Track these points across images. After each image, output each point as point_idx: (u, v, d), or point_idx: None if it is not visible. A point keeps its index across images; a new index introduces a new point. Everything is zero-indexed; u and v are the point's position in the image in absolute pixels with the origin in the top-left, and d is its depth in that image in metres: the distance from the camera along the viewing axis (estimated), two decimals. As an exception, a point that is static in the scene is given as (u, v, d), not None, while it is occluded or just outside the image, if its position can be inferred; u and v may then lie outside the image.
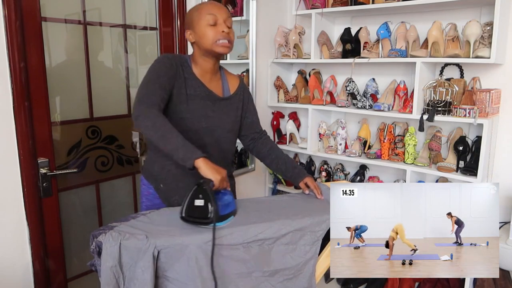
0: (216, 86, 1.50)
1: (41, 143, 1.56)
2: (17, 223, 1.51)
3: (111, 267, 1.08)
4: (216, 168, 1.22)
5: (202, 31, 1.39)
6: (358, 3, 2.20)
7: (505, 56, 1.96)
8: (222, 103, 1.49)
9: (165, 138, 1.23)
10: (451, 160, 2.05)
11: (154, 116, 1.25)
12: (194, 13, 1.42)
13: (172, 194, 1.46)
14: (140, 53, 1.99)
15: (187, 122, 1.40)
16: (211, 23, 1.38)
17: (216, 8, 1.41)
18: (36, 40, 1.51)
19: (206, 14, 1.38)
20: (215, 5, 1.42)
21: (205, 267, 1.11)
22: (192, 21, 1.42)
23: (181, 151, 1.21)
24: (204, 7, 1.41)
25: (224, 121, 1.49)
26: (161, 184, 1.47)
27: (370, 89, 2.33)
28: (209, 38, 1.38)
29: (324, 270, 1.27)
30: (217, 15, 1.39)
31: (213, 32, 1.38)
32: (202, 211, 1.15)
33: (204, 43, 1.40)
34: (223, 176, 1.22)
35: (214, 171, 1.20)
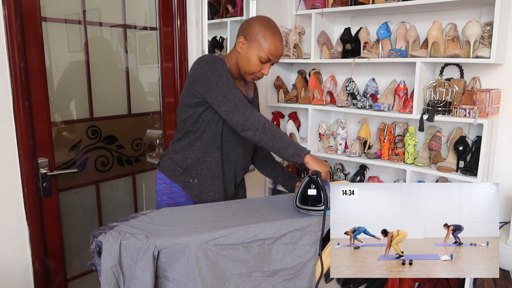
0: (242, 88, 1.55)
1: (41, 143, 1.56)
2: (17, 223, 1.51)
3: (111, 267, 1.08)
4: (321, 161, 1.35)
5: (251, 57, 1.41)
6: (358, 3, 2.20)
7: (505, 56, 1.96)
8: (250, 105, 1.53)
9: (276, 138, 1.32)
10: (451, 160, 2.05)
11: (260, 118, 1.33)
12: (259, 35, 1.40)
13: (207, 190, 1.50)
14: (140, 53, 1.99)
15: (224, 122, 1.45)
16: (262, 61, 1.41)
17: (277, 55, 1.42)
18: (36, 40, 1.51)
19: (266, 53, 1.39)
20: (278, 49, 1.42)
21: (204, 267, 1.11)
22: (252, 38, 1.41)
23: (291, 149, 1.32)
24: (270, 43, 1.39)
25: None
26: (196, 179, 1.50)
27: (370, 89, 2.32)
28: (250, 67, 1.42)
29: (324, 270, 1.27)
30: (272, 60, 1.43)
31: (256, 68, 1.42)
32: (315, 199, 1.27)
33: (244, 65, 1.44)
34: (328, 169, 1.35)
35: (321, 165, 1.34)
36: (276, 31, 1.42)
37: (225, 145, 1.49)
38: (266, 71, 1.44)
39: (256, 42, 1.40)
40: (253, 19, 1.47)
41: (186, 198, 1.51)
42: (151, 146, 2.10)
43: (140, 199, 2.09)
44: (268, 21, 1.46)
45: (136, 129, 2.03)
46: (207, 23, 2.08)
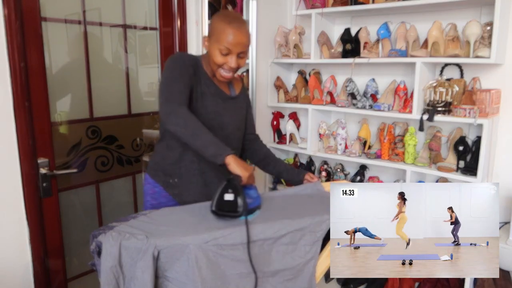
0: (224, 85, 1.53)
1: (41, 143, 1.56)
2: (17, 223, 1.51)
3: (111, 267, 1.08)
4: (244, 164, 1.28)
5: (213, 52, 1.40)
6: (358, 3, 2.20)
7: (505, 56, 1.96)
8: (231, 102, 1.54)
9: (196, 136, 1.28)
10: (451, 160, 2.05)
11: (185, 114, 1.29)
12: (216, 29, 1.39)
13: (187, 189, 1.50)
14: (140, 53, 1.99)
15: (201, 119, 1.41)
16: (223, 53, 1.38)
17: (236, 43, 1.37)
18: (36, 40, 1.51)
19: (223, 43, 1.36)
20: (237, 37, 1.37)
21: (204, 267, 1.11)
22: (212, 34, 1.40)
23: (211, 148, 1.27)
24: (226, 34, 1.36)
25: (233, 119, 1.54)
26: (175, 179, 1.49)
27: (370, 89, 2.32)
28: (214, 64, 1.41)
29: (324, 270, 1.27)
30: (232, 49, 1.38)
31: (221, 61, 1.39)
32: (232, 205, 1.21)
33: (211, 63, 1.43)
34: (250, 173, 1.28)
35: (242, 168, 1.26)
36: (232, 19, 1.38)
37: None
38: (233, 63, 1.38)
39: (214, 35, 1.39)
40: (213, 16, 1.46)
41: (167, 198, 1.52)
42: (151, 146, 2.10)
43: (140, 199, 2.09)
44: (226, 12, 1.45)
45: (136, 129, 2.03)
46: (207, 23, 2.08)
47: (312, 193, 1.50)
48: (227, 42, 1.36)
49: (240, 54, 1.40)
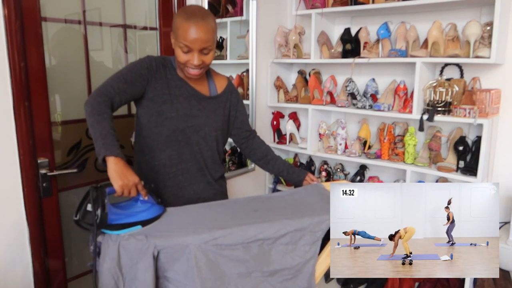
0: (202, 85, 1.49)
1: (41, 143, 1.56)
2: (17, 223, 1.51)
3: (109, 269, 1.08)
4: (124, 172, 1.14)
5: (175, 51, 1.35)
6: (358, 3, 2.20)
7: (505, 56, 1.96)
8: (209, 102, 1.48)
9: (93, 127, 1.19)
10: (451, 160, 2.05)
11: (96, 104, 1.23)
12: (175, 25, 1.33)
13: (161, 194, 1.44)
14: (140, 53, 1.99)
15: (173, 121, 1.40)
16: (184, 50, 1.32)
17: (192, 39, 1.29)
18: (36, 40, 1.51)
19: (181, 40, 1.30)
20: (194, 32, 1.29)
21: (204, 267, 1.11)
22: (173, 31, 1.35)
23: (99, 143, 1.16)
24: (183, 30, 1.29)
25: (211, 120, 1.48)
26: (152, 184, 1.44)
27: (370, 89, 2.33)
28: (179, 62, 1.36)
29: (324, 270, 1.27)
30: (192, 46, 1.30)
31: (183, 59, 1.34)
32: (91, 216, 1.10)
33: (177, 61, 1.38)
34: (126, 183, 1.13)
35: (118, 175, 1.12)
36: (190, 15, 1.30)
37: (173, 145, 1.43)
38: (195, 60, 1.32)
39: (175, 33, 1.34)
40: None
41: None
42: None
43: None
44: (186, 8, 1.38)
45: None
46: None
47: (312, 193, 1.50)
48: (184, 39, 1.29)
49: (203, 50, 1.33)
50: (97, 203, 1.09)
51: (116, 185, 1.13)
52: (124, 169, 1.15)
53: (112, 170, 1.13)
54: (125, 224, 1.14)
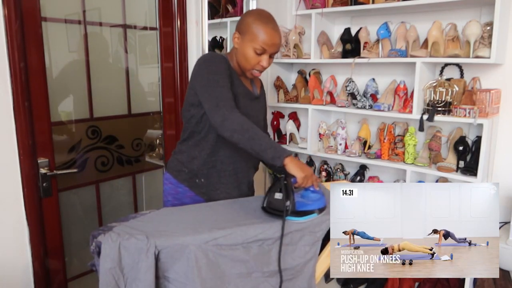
0: (249, 85, 1.53)
1: (41, 143, 1.56)
2: (17, 223, 1.51)
3: (109, 269, 1.08)
4: (301, 166, 1.27)
5: (247, 51, 1.39)
6: (358, 3, 2.20)
7: (505, 56, 1.96)
8: (256, 102, 1.54)
9: (254, 140, 1.28)
10: (451, 160, 2.05)
11: (239, 119, 1.29)
12: (251, 28, 1.38)
13: (215, 188, 1.49)
14: (140, 53, 1.99)
15: None
16: (258, 52, 1.38)
17: (272, 44, 1.38)
18: (36, 40, 1.51)
19: (260, 43, 1.37)
20: (273, 38, 1.38)
21: (204, 267, 1.11)
22: (246, 31, 1.39)
23: (270, 151, 1.27)
24: (263, 33, 1.37)
25: (258, 119, 1.54)
26: (202, 179, 1.49)
27: (370, 89, 2.32)
28: (248, 63, 1.40)
29: (324, 270, 1.27)
30: (268, 50, 1.38)
31: (254, 61, 1.39)
32: (279, 204, 1.21)
33: (242, 61, 1.42)
34: (307, 174, 1.25)
35: (298, 169, 1.25)
36: (268, 20, 1.39)
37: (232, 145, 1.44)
38: (265, 62, 1.40)
39: (249, 34, 1.38)
40: (246, 13, 1.46)
41: (191, 199, 1.50)
42: (151, 146, 2.10)
43: (140, 199, 2.09)
44: (260, 11, 1.43)
45: (136, 129, 2.03)
46: (207, 23, 2.08)
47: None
48: (263, 43, 1.36)
49: (273, 54, 1.42)
50: (287, 192, 1.22)
51: (300, 176, 1.24)
52: (301, 163, 1.30)
53: (292, 166, 1.25)
54: (308, 211, 1.25)
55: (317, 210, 1.27)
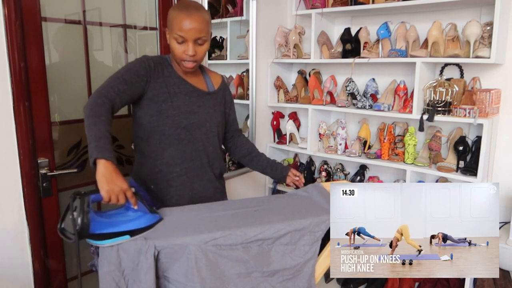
0: (199, 81, 1.50)
1: (41, 143, 1.56)
2: (17, 223, 1.51)
3: (109, 272, 1.08)
4: (113, 177, 1.09)
5: (171, 44, 1.37)
6: (358, 3, 2.20)
7: (505, 56, 1.96)
8: (208, 98, 1.49)
9: (89, 129, 1.15)
10: (451, 160, 2.05)
11: (95, 106, 1.21)
12: (169, 18, 1.36)
13: (165, 194, 1.45)
14: (140, 53, 1.99)
15: (175, 119, 1.39)
16: (178, 41, 1.34)
17: (188, 30, 1.31)
18: (36, 40, 1.51)
19: (176, 31, 1.32)
20: (187, 22, 1.31)
21: (204, 267, 1.11)
22: (168, 25, 1.37)
23: (92, 145, 1.12)
24: (177, 20, 1.32)
25: (212, 115, 1.49)
26: (152, 185, 1.46)
27: (370, 89, 2.33)
28: (175, 54, 1.37)
29: (324, 270, 1.27)
30: (186, 36, 1.32)
31: (179, 51, 1.35)
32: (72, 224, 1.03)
33: (172, 55, 1.40)
34: (113, 188, 1.07)
35: (105, 180, 1.07)
36: (184, 7, 1.34)
37: (176, 144, 1.42)
38: (190, 51, 1.33)
39: (169, 26, 1.36)
40: None
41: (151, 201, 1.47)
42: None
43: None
44: (180, 2, 1.40)
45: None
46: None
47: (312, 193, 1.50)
48: (180, 29, 1.32)
49: (198, 40, 1.34)
50: (78, 211, 1.03)
51: (103, 190, 1.07)
52: (114, 173, 1.09)
53: (100, 174, 1.08)
54: (110, 233, 1.08)
55: (128, 232, 1.10)
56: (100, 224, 1.08)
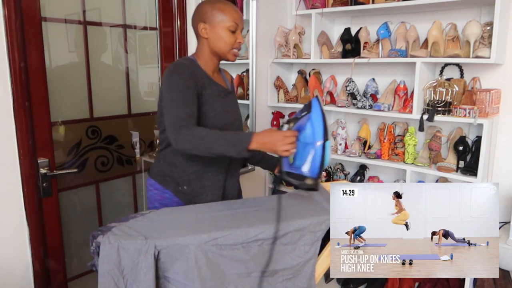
0: (221, 80, 1.52)
1: (41, 143, 1.56)
2: (17, 223, 1.51)
3: (108, 270, 1.08)
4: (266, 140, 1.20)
5: (221, 34, 1.38)
6: (358, 3, 2.20)
7: (505, 56, 1.96)
8: (231, 96, 1.52)
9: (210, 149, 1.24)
10: (451, 160, 2.05)
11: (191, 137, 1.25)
12: (215, 11, 1.38)
13: (199, 194, 1.47)
14: (140, 53, 1.99)
15: (214, 121, 1.41)
16: (232, 30, 1.38)
17: (239, 18, 1.40)
18: (36, 40, 1.51)
19: (230, 20, 1.37)
20: (236, 11, 1.40)
21: (204, 267, 1.11)
22: (211, 18, 1.38)
23: (231, 150, 1.23)
24: (229, 11, 1.38)
25: (237, 114, 1.54)
26: (185, 186, 1.46)
27: (370, 89, 2.33)
28: (227, 44, 1.39)
29: (324, 270, 1.27)
30: (239, 24, 1.40)
31: (232, 40, 1.39)
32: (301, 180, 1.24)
33: (219, 46, 1.40)
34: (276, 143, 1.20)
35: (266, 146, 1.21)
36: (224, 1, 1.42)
37: None
38: (240, 38, 1.41)
39: (215, 18, 1.38)
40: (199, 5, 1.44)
41: (178, 203, 1.48)
42: (151, 146, 2.10)
43: (140, 199, 2.09)
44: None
45: (136, 129, 2.03)
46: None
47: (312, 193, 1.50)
48: (234, 18, 1.38)
49: (242, 31, 1.43)
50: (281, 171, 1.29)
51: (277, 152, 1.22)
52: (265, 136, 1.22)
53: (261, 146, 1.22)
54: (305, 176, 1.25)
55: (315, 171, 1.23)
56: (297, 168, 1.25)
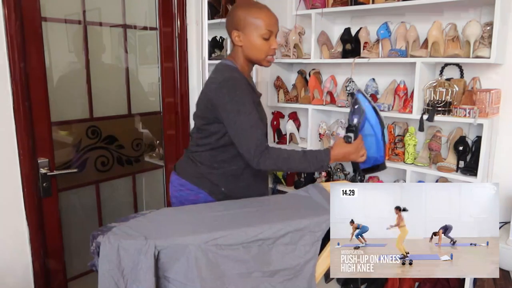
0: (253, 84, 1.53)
1: (41, 143, 1.56)
2: (17, 223, 1.51)
3: (108, 270, 1.08)
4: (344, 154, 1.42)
5: (255, 41, 1.39)
6: (358, 3, 2.20)
7: (505, 56, 1.96)
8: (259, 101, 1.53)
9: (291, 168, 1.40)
10: (451, 160, 2.05)
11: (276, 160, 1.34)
12: (248, 18, 1.38)
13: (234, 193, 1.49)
14: (140, 53, 1.99)
15: None
16: (266, 37, 1.38)
17: (274, 23, 1.40)
18: (36, 40, 1.51)
19: (265, 28, 1.37)
20: (272, 18, 1.40)
21: (204, 267, 1.11)
22: (245, 25, 1.38)
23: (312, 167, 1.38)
24: (264, 18, 1.38)
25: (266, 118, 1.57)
26: (222, 188, 1.49)
27: (370, 89, 2.32)
28: (261, 51, 1.40)
29: (324, 270, 1.27)
30: (274, 31, 1.40)
31: (266, 47, 1.40)
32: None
33: (254, 53, 1.41)
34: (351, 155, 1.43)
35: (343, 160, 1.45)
36: (257, 5, 1.41)
37: None
38: (275, 44, 1.41)
39: (249, 25, 1.37)
40: (232, 10, 1.44)
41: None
42: (151, 146, 2.10)
43: (140, 199, 2.09)
44: (246, 1, 1.45)
45: (136, 129, 2.04)
46: (207, 23, 2.07)
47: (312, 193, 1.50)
48: (268, 25, 1.38)
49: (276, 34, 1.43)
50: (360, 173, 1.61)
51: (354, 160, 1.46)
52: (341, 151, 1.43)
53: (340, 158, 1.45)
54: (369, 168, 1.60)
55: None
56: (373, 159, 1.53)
